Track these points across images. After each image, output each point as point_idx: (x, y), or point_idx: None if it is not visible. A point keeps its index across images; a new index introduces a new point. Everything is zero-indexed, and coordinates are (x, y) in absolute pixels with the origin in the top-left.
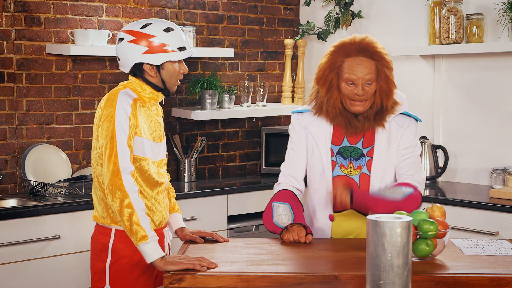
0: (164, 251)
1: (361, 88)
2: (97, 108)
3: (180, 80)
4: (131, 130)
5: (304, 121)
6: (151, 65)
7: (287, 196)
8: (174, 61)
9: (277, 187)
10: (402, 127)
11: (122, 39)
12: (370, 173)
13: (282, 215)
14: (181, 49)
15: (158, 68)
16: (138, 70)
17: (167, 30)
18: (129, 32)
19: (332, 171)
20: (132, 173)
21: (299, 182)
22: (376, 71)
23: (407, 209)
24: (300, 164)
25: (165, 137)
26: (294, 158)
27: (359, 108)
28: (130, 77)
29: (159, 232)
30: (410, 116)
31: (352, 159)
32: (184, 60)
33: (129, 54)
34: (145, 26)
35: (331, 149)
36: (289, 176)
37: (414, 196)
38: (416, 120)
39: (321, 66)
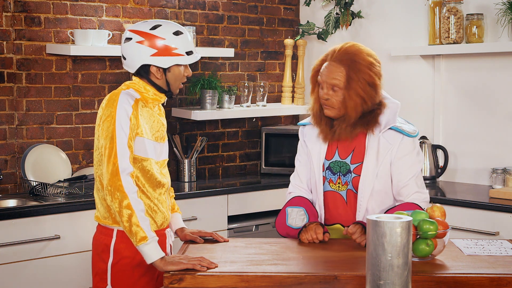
0: (166, 252)
1: (325, 91)
2: (99, 108)
3: (182, 83)
4: (132, 131)
5: (305, 135)
6: (158, 67)
7: (300, 201)
8: (181, 65)
9: (288, 196)
10: (390, 144)
11: (130, 38)
12: (356, 190)
13: (297, 217)
14: (189, 53)
15: (165, 70)
16: (144, 71)
17: (177, 33)
18: (138, 32)
19: (323, 185)
20: (132, 173)
21: (307, 192)
22: (346, 79)
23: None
24: (306, 175)
25: (166, 137)
26: (300, 169)
27: (327, 112)
28: (134, 77)
29: (161, 233)
30: (401, 132)
31: (340, 174)
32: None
33: (137, 55)
34: (154, 27)
35: (323, 164)
36: (297, 186)
37: None
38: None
39: (311, 70)
